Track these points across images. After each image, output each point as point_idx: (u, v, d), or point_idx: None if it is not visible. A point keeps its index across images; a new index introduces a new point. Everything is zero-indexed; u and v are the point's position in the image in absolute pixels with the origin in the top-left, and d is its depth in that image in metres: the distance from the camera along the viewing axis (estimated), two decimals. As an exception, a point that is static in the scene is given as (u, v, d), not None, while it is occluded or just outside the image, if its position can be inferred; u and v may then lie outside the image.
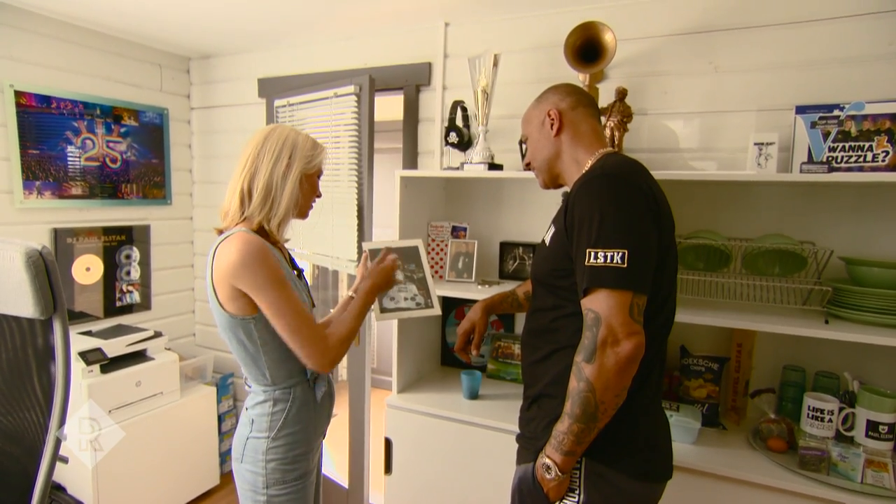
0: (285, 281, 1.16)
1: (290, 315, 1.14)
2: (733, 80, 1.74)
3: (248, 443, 1.23)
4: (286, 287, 1.15)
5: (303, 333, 1.16)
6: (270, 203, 1.22)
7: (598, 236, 1.00)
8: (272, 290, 1.12)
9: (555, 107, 1.22)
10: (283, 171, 1.23)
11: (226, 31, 2.39)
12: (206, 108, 2.85)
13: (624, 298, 0.97)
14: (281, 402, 1.23)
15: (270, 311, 1.14)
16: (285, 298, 1.14)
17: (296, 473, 1.23)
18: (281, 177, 1.23)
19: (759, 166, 1.58)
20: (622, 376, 0.97)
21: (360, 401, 2.29)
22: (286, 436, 1.22)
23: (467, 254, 2.02)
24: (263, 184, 1.22)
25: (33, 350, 1.34)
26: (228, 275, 1.13)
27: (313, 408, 1.28)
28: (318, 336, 1.17)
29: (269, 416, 1.22)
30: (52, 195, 2.27)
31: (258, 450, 1.21)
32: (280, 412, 1.23)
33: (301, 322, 1.15)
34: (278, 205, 1.22)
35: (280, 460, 1.22)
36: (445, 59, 2.21)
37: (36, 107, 2.19)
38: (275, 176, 1.22)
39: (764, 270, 1.62)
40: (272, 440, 1.22)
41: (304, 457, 1.25)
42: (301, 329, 1.15)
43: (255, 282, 1.12)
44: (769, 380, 1.71)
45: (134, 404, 2.22)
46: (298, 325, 1.15)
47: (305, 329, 1.16)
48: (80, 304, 2.43)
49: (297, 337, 1.15)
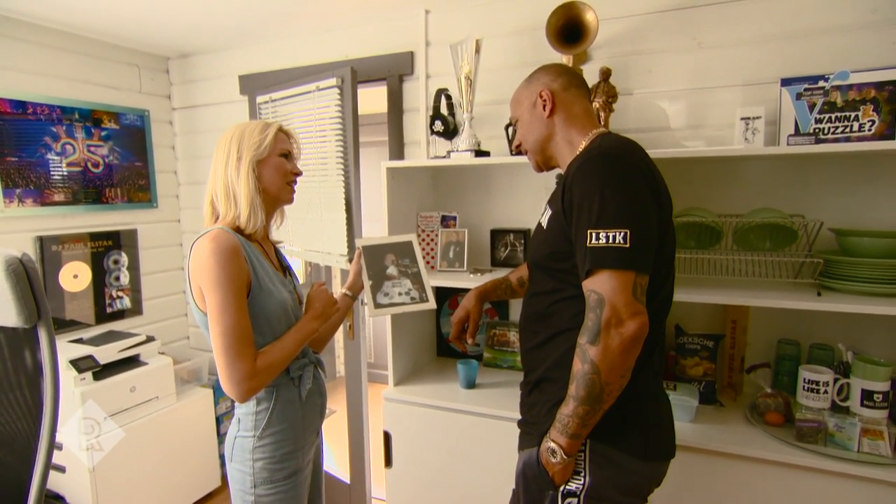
0: (240, 290, 1.11)
1: (223, 327, 1.08)
2: (718, 56, 1.73)
3: (235, 442, 1.22)
4: (238, 296, 1.10)
5: (227, 353, 1.08)
6: (234, 202, 1.21)
7: (598, 216, 0.98)
8: (218, 293, 1.08)
9: (547, 87, 1.20)
10: (235, 168, 1.21)
11: (204, 28, 2.35)
12: (188, 108, 2.80)
13: (627, 278, 0.97)
14: (264, 400, 1.21)
15: (210, 316, 1.10)
16: (226, 308, 1.08)
17: (284, 472, 1.21)
18: (234, 173, 1.21)
19: (747, 141, 1.57)
20: (627, 357, 0.97)
21: (357, 395, 2.28)
22: (272, 434, 1.21)
23: (458, 243, 2.01)
24: (222, 185, 1.22)
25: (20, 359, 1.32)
26: (195, 271, 1.12)
27: (299, 406, 1.26)
28: (242, 360, 1.08)
29: (254, 416, 1.21)
30: (34, 202, 2.23)
31: (245, 449, 1.20)
32: (264, 411, 1.21)
33: (231, 338, 1.08)
34: (240, 202, 1.20)
35: (267, 459, 1.20)
36: (427, 48, 2.18)
37: (11, 113, 2.15)
38: (229, 174, 1.21)
39: (755, 245, 1.62)
40: (258, 439, 1.20)
41: (293, 455, 1.23)
42: (227, 348, 1.08)
43: (208, 281, 1.09)
44: (764, 355, 1.71)
45: (129, 410, 2.20)
46: (225, 343, 1.08)
47: (231, 349, 1.08)
48: (70, 311, 2.40)
49: (220, 355, 1.09)
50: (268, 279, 1.20)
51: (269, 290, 1.19)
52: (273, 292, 1.20)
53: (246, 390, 1.09)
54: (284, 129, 1.31)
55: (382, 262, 1.54)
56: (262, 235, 1.29)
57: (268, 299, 1.18)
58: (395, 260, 1.55)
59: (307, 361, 1.30)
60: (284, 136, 1.30)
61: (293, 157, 1.32)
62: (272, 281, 1.22)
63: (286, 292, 1.25)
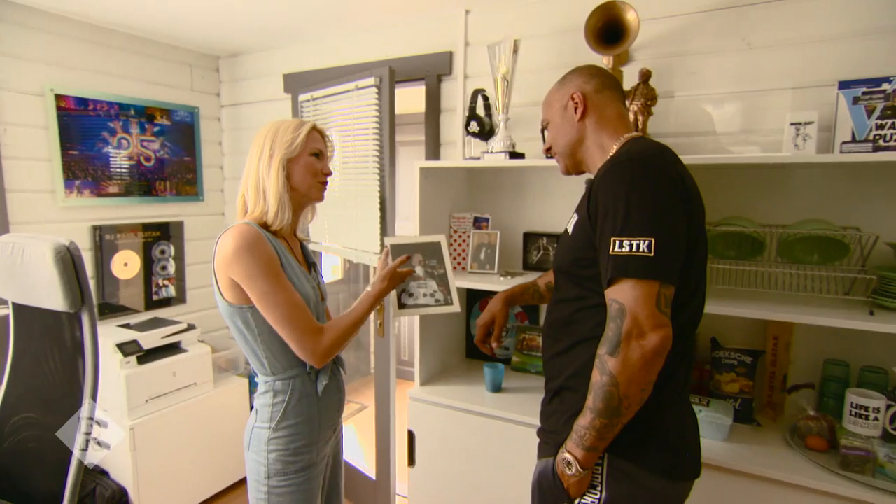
0: (279, 272, 1.16)
1: (283, 306, 1.15)
2: (768, 57, 1.64)
3: (253, 432, 1.26)
4: (279, 278, 1.15)
5: (294, 326, 1.15)
6: (263, 198, 1.24)
7: (623, 224, 0.95)
8: (262, 280, 1.13)
9: (579, 90, 1.18)
10: (266, 164, 1.24)
11: (252, 29, 2.43)
12: (235, 106, 2.91)
13: (650, 289, 0.93)
14: (281, 393, 1.24)
15: (262, 303, 1.15)
16: (277, 289, 1.14)
17: (297, 465, 1.23)
18: (266, 170, 1.24)
19: (797, 147, 1.48)
20: (647, 370, 0.93)
21: (385, 393, 2.30)
22: (286, 427, 1.23)
23: (489, 245, 1.99)
24: (253, 181, 1.25)
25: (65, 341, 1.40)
26: (224, 264, 1.16)
27: (315, 401, 1.27)
28: (311, 329, 1.17)
29: (271, 407, 1.24)
30: (91, 193, 2.37)
31: (261, 440, 1.23)
32: (280, 403, 1.24)
33: (293, 314, 1.16)
34: (268, 198, 1.23)
35: (281, 451, 1.22)
36: (466, 48, 2.17)
37: (74, 109, 2.29)
38: (260, 171, 1.25)
39: (801, 258, 1.52)
40: (273, 431, 1.23)
41: (307, 449, 1.25)
42: (292, 321, 1.15)
43: (247, 272, 1.13)
44: (809, 374, 1.61)
45: (169, 394, 2.30)
46: (290, 317, 1.15)
47: (297, 321, 1.16)
48: (123, 298, 2.54)
49: (287, 329, 1.16)
50: (292, 273, 1.23)
51: (293, 283, 1.21)
52: (298, 286, 1.22)
53: (322, 353, 1.19)
54: (318, 128, 1.34)
55: (409, 262, 1.55)
56: (288, 232, 1.32)
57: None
58: (422, 260, 1.55)
59: (326, 356, 1.32)
60: (317, 136, 1.32)
61: (325, 156, 1.34)
62: (297, 276, 1.24)
63: (309, 287, 1.28)
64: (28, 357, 1.50)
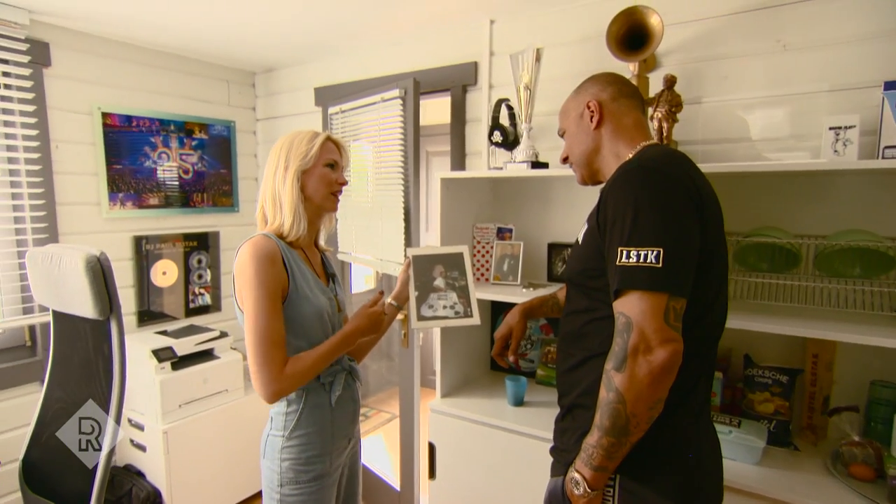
0: (274, 297, 1.15)
1: (258, 332, 1.13)
2: (805, 59, 1.56)
3: (268, 440, 1.27)
4: (270, 303, 1.14)
5: (257, 354, 1.13)
6: (280, 209, 1.26)
7: (631, 233, 0.92)
8: (253, 299, 1.14)
9: (594, 98, 1.15)
10: (282, 176, 1.26)
11: (286, 45, 2.51)
12: (270, 119, 3.00)
13: (658, 301, 0.89)
14: (294, 402, 1.25)
15: (245, 319, 1.16)
16: (261, 314, 1.13)
17: (310, 475, 1.24)
18: (281, 182, 1.26)
19: (836, 153, 1.39)
20: (656, 387, 0.89)
21: (409, 404, 2.30)
22: (299, 436, 1.24)
23: (513, 256, 1.96)
24: (270, 193, 1.28)
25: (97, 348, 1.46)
26: (236, 273, 1.19)
27: (328, 411, 1.28)
28: (271, 362, 1.13)
29: (284, 416, 1.25)
30: (133, 206, 2.48)
31: (275, 447, 1.24)
32: (294, 412, 1.25)
33: (263, 344, 1.12)
34: (284, 209, 1.25)
35: (294, 460, 1.23)
36: (491, 58, 2.17)
37: (119, 126, 2.41)
38: (276, 183, 1.27)
39: (841, 272, 1.43)
40: (286, 439, 1.24)
41: (319, 459, 1.25)
42: (259, 349, 1.13)
43: (246, 284, 1.15)
44: (853, 396, 1.50)
45: (201, 400, 2.37)
46: (258, 345, 1.13)
47: (262, 350, 1.13)
48: (161, 305, 2.64)
49: (251, 355, 1.14)
50: (305, 285, 1.24)
51: (305, 295, 1.23)
52: (310, 298, 1.24)
53: (274, 392, 1.14)
54: (333, 138, 1.35)
55: (430, 274, 1.54)
56: (306, 242, 1.34)
57: (304, 304, 1.22)
58: (443, 272, 1.54)
59: (339, 368, 1.32)
60: (332, 146, 1.34)
61: (339, 167, 1.35)
62: (310, 287, 1.26)
63: (325, 298, 1.29)
64: (65, 361, 1.57)
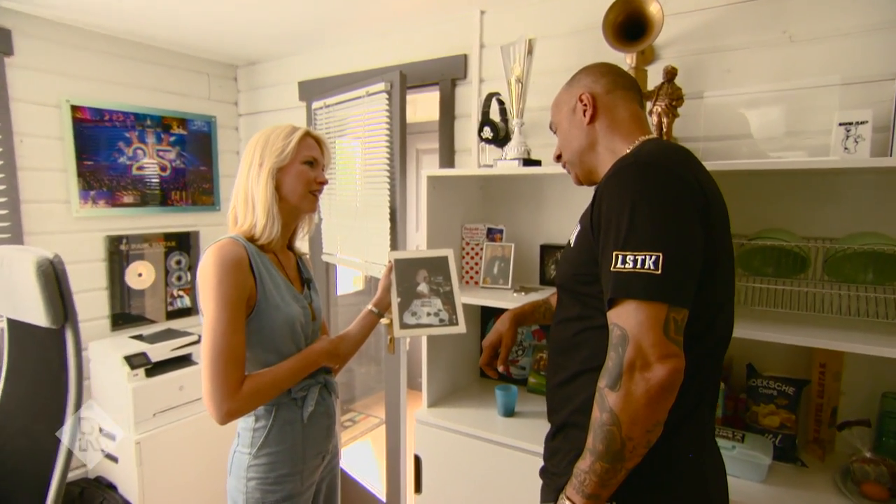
0: (236, 307, 1.05)
1: (212, 345, 1.03)
2: (813, 51, 1.47)
3: (234, 456, 1.18)
4: (232, 313, 1.04)
5: (211, 370, 1.02)
6: (252, 210, 1.16)
7: (627, 236, 0.82)
8: (212, 309, 1.04)
9: (587, 90, 1.06)
10: (255, 174, 1.16)
11: (269, 37, 2.40)
12: (253, 115, 2.88)
13: (657, 312, 0.79)
14: (263, 418, 1.16)
15: (202, 328, 1.06)
16: (218, 322, 1.03)
17: (278, 495, 1.14)
18: (255, 180, 1.16)
19: (847, 151, 1.30)
20: (654, 408, 0.79)
21: (395, 413, 2.19)
22: (267, 454, 1.14)
23: (503, 258, 1.87)
24: (242, 192, 1.18)
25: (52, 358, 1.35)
26: (198, 281, 1.09)
27: (299, 427, 1.18)
28: (225, 379, 1.02)
29: (252, 432, 1.16)
30: (105, 204, 2.36)
31: (241, 465, 1.15)
32: (262, 429, 1.15)
33: (219, 359, 1.02)
34: (257, 209, 1.15)
35: (261, 479, 1.14)
36: (482, 50, 2.07)
37: (90, 120, 2.29)
38: (249, 181, 1.17)
39: (853, 277, 1.34)
40: (254, 457, 1.14)
41: (289, 478, 1.16)
42: (214, 365, 1.02)
43: (205, 293, 1.05)
44: (863, 409, 1.42)
45: (177, 408, 2.25)
46: (211, 359, 1.02)
47: (216, 366, 1.02)
48: (138, 308, 2.52)
49: (204, 371, 1.04)
50: (276, 293, 1.14)
51: (275, 304, 1.13)
52: (280, 307, 1.13)
53: (226, 412, 1.03)
54: (313, 134, 1.25)
55: (414, 279, 1.45)
56: (279, 246, 1.23)
57: (274, 314, 1.12)
58: (427, 277, 1.45)
59: (313, 382, 1.22)
60: (311, 142, 1.24)
61: (319, 164, 1.25)
62: (281, 295, 1.15)
63: (298, 307, 1.18)
64: (19, 372, 1.46)
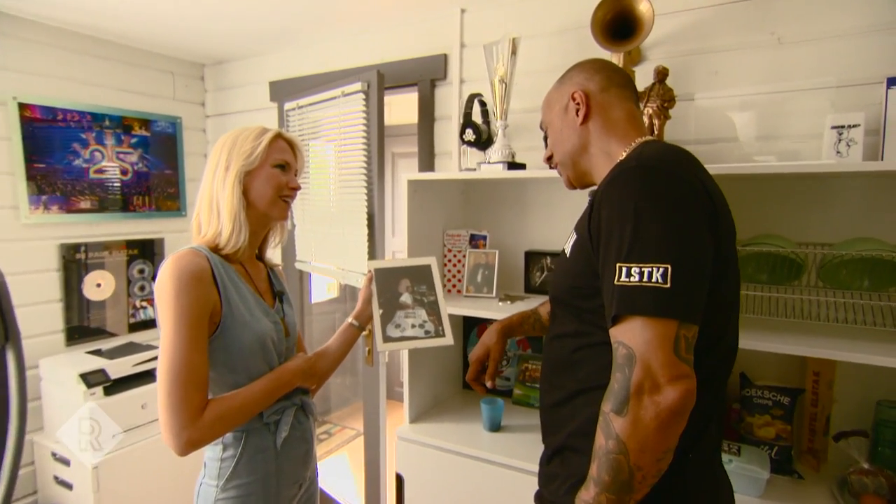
0: (197, 325, 0.94)
1: (170, 366, 0.92)
2: (802, 53, 1.44)
3: (200, 489, 1.07)
4: (188, 329, 0.93)
5: (168, 394, 0.90)
6: (217, 217, 1.06)
7: (631, 246, 0.76)
8: (170, 327, 0.93)
9: (580, 88, 0.99)
10: (221, 177, 1.06)
11: (238, 34, 2.27)
12: (221, 116, 2.75)
13: (666, 329, 0.73)
14: (231, 447, 1.05)
15: (160, 348, 0.95)
16: (177, 342, 0.92)
17: None
18: (220, 184, 1.06)
19: (839, 154, 1.28)
20: (665, 434, 0.72)
21: (374, 424, 2.09)
22: (237, 487, 1.04)
23: (487, 265, 1.79)
24: (207, 197, 1.07)
25: (-8, 382, 1.21)
26: (155, 296, 0.98)
27: (272, 455, 1.08)
28: (185, 405, 0.90)
29: (219, 462, 1.04)
30: (59, 210, 2.20)
31: (208, 499, 1.04)
32: (230, 459, 1.04)
33: (175, 380, 0.90)
34: (222, 216, 1.05)
35: None
36: (462, 50, 2.00)
37: (42, 119, 2.13)
38: (214, 185, 1.06)
39: (848, 284, 1.31)
40: (221, 490, 1.03)
41: None
42: (170, 388, 0.90)
43: (162, 309, 0.94)
44: (856, 416, 1.39)
45: (139, 428, 2.11)
46: (169, 383, 0.90)
47: (174, 390, 0.90)
48: (97, 320, 2.36)
49: (161, 396, 0.92)
50: (243, 307, 1.04)
51: (243, 320, 1.02)
52: (249, 322, 1.03)
53: (186, 443, 0.91)
54: (286, 136, 1.16)
55: (396, 289, 1.37)
56: (247, 256, 1.13)
57: (241, 330, 1.02)
58: (410, 286, 1.38)
59: (288, 404, 1.11)
60: (283, 145, 1.14)
61: (292, 168, 1.15)
62: (249, 309, 1.05)
63: (268, 322, 1.08)
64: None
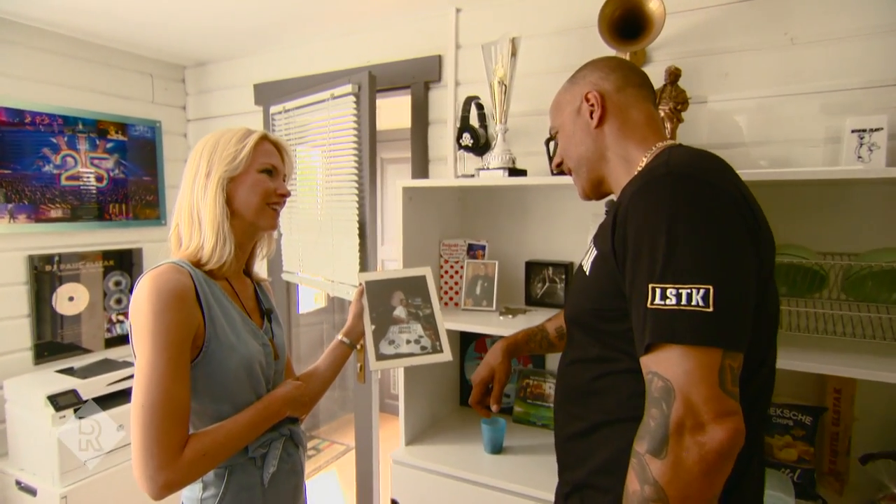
0: (173, 349, 0.84)
1: (147, 398, 0.81)
2: (817, 54, 1.38)
3: None
4: (167, 356, 0.83)
5: (144, 429, 0.80)
6: (198, 228, 0.95)
7: (665, 265, 0.67)
8: (147, 353, 0.82)
9: (595, 88, 0.91)
10: (202, 185, 0.96)
11: (220, 33, 2.16)
12: (203, 120, 2.62)
13: (710, 359, 0.64)
14: (212, 485, 0.94)
15: (135, 377, 0.84)
16: (154, 371, 0.82)
17: None
18: (201, 192, 0.95)
19: (861, 160, 1.22)
20: (711, 480, 0.63)
21: (366, 441, 1.98)
22: None
23: (486, 277, 1.70)
24: (186, 207, 0.96)
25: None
26: (130, 318, 0.87)
27: (259, 493, 0.97)
28: (164, 441, 0.80)
29: (199, 503, 0.93)
30: (27, 219, 2.06)
31: None
32: (211, 498, 0.93)
33: (152, 413, 0.80)
34: (204, 228, 0.94)
35: None
36: (458, 51, 1.91)
37: (7, 122, 1.99)
38: (195, 194, 0.96)
39: (874, 297, 1.24)
40: None
41: None
42: (145, 422, 0.80)
43: (138, 333, 0.84)
44: (878, 435, 1.32)
45: (116, 452, 1.96)
46: (145, 416, 0.80)
47: (151, 424, 0.80)
48: (72, 336, 2.22)
49: (135, 431, 0.81)
50: (229, 329, 0.93)
51: (229, 343, 0.92)
52: (236, 346, 0.92)
53: (162, 486, 0.80)
54: (272, 138, 1.06)
55: (389, 302, 1.27)
56: (233, 270, 1.02)
57: (227, 355, 0.91)
58: (403, 299, 1.28)
59: (276, 436, 1.00)
60: (270, 148, 1.04)
61: (280, 173, 1.05)
62: (236, 331, 0.94)
63: (256, 345, 0.98)
64: None
